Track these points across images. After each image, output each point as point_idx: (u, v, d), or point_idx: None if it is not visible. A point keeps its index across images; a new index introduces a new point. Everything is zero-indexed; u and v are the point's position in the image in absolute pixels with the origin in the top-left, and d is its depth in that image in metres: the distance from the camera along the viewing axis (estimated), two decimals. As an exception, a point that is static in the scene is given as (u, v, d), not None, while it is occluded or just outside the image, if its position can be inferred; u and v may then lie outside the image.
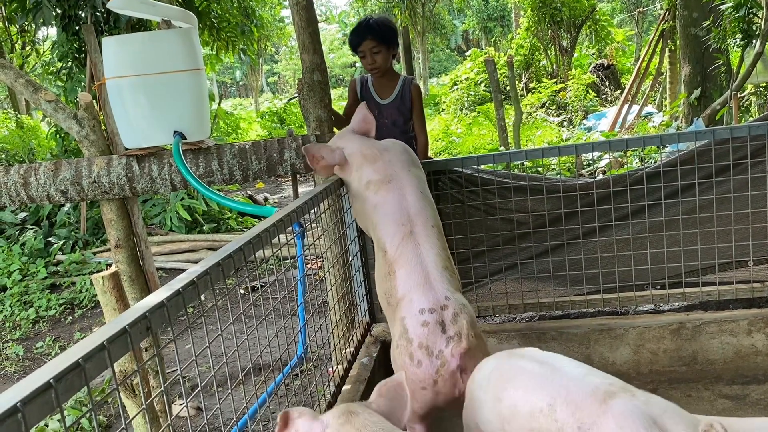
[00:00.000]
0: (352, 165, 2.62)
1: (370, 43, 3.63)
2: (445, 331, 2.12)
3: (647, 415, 1.46)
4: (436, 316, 2.14)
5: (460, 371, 2.08)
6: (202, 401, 3.64)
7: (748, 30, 7.31)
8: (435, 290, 2.21)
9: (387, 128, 3.82)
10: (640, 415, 1.45)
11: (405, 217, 2.40)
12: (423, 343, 2.12)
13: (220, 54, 10.62)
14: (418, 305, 2.18)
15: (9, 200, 3.17)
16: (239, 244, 1.73)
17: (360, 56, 3.74)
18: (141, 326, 1.23)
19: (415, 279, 2.25)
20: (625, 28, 22.67)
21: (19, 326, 5.92)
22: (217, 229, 8.28)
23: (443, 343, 2.10)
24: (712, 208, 3.14)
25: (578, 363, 1.77)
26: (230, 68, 36.07)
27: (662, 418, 1.46)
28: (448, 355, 2.09)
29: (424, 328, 2.13)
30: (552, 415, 1.59)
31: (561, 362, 1.77)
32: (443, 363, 2.09)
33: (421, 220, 2.40)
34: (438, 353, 2.10)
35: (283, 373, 2.28)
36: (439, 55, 38.66)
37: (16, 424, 0.89)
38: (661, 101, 13.80)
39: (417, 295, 2.21)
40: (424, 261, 2.30)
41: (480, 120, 14.63)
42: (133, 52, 2.98)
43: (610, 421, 1.48)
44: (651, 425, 1.43)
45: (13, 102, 17.19)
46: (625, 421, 1.45)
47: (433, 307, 2.16)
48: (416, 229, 2.38)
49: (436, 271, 2.28)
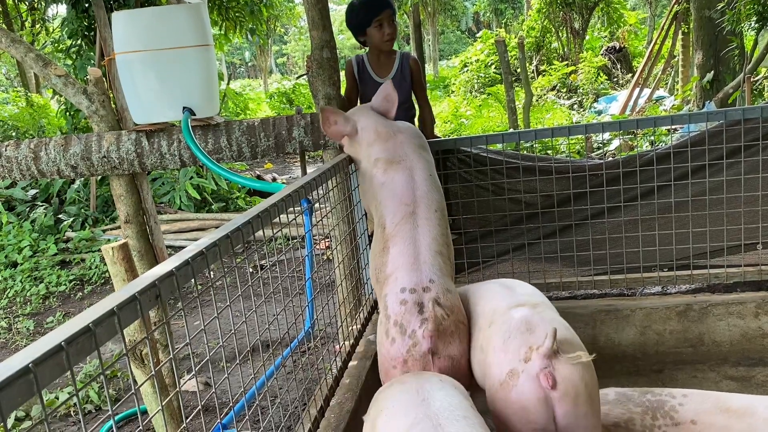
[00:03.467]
0: (362, 140, 2.60)
1: (389, 11, 3.58)
2: (422, 312, 2.10)
3: (526, 320, 1.88)
4: (416, 297, 2.13)
5: (431, 354, 2.06)
6: (211, 376, 3.68)
7: (763, 12, 7.21)
8: (421, 272, 2.20)
9: None
10: (521, 318, 1.89)
11: (410, 197, 2.39)
12: (398, 321, 2.11)
13: (228, 34, 10.58)
14: (401, 284, 2.17)
15: (20, 174, 3.19)
16: (248, 217, 1.74)
17: (375, 26, 3.61)
18: (150, 294, 1.25)
19: (406, 258, 2.24)
20: (638, 11, 22.39)
21: (29, 301, 5.99)
22: (226, 209, 8.32)
23: (417, 323, 2.09)
24: (722, 190, 3.12)
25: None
26: (239, 49, 35.96)
27: (539, 324, 1.85)
28: (420, 335, 2.07)
29: (402, 306, 2.12)
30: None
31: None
32: (415, 343, 2.07)
33: (425, 203, 2.39)
34: (411, 333, 2.08)
35: (290, 347, 2.30)
36: (449, 36, 38.38)
37: (28, 384, 0.91)
38: (672, 85, 13.67)
39: (402, 274, 2.20)
40: (418, 242, 2.29)
41: (490, 102, 14.55)
42: (142, 27, 2.98)
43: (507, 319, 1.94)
44: (523, 325, 1.86)
45: (23, 80, 17.23)
46: (512, 320, 1.91)
47: (415, 288, 2.15)
48: (418, 211, 2.36)
49: (428, 253, 2.26)
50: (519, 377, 1.78)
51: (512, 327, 1.90)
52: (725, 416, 1.83)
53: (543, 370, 1.75)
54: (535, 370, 1.76)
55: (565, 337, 1.84)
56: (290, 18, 27.67)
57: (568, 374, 1.75)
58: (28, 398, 0.91)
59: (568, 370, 1.76)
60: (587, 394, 1.77)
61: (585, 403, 1.76)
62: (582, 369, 1.79)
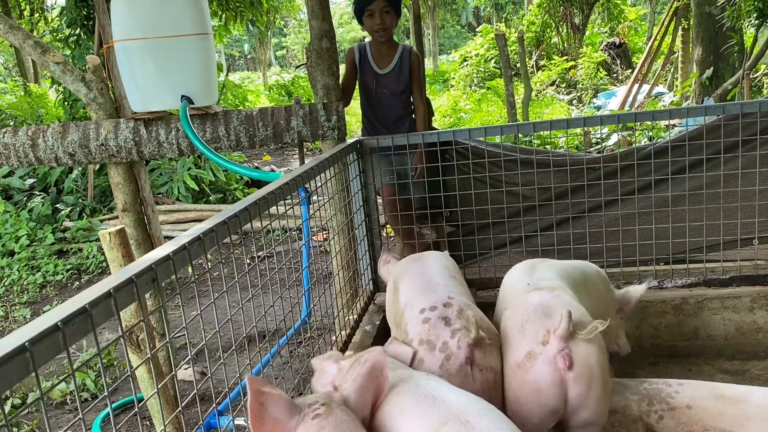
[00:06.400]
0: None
1: (381, 2, 3.59)
2: (450, 324, 1.89)
3: (543, 304, 1.93)
4: (438, 313, 1.94)
5: (470, 365, 1.82)
6: (208, 365, 3.69)
7: (763, 9, 7.21)
8: (437, 292, 2.05)
9: (386, 98, 3.79)
10: (539, 302, 1.94)
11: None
12: (424, 339, 1.89)
13: (228, 25, 10.54)
14: (418, 306, 2.01)
15: (17, 161, 3.19)
16: (245, 204, 1.74)
17: (367, 15, 3.67)
18: (147, 277, 1.25)
19: (417, 286, 2.13)
20: (639, 7, 22.37)
21: (26, 290, 5.99)
22: (224, 200, 8.31)
23: (448, 335, 1.86)
24: (719, 185, 3.13)
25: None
26: (238, 41, 35.84)
27: (555, 307, 1.89)
28: (454, 346, 1.84)
29: (424, 324, 1.93)
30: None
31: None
32: (448, 356, 1.83)
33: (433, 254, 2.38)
34: (442, 345, 1.85)
35: (286, 336, 2.30)
36: (449, 31, 38.29)
37: (24, 362, 0.92)
38: (672, 81, 13.66)
39: (416, 300, 2.05)
40: (427, 273, 2.20)
41: (489, 96, 14.54)
42: (141, 14, 2.97)
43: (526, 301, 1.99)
44: (540, 309, 1.91)
45: (21, 69, 17.17)
46: (530, 303, 1.95)
47: (435, 306, 1.97)
48: (425, 255, 2.35)
49: (440, 278, 2.15)
50: (537, 359, 1.80)
51: (530, 311, 1.92)
52: (720, 402, 1.85)
53: (560, 351, 1.77)
54: (552, 352, 1.78)
55: (580, 320, 1.86)
56: (290, 10, 27.58)
57: (585, 356, 1.78)
58: (24, 377, 0.92)
59: (585, 352, 1.79)
60: (601, 377, 1.81)
61: (598, 386, 1.80)
62: (597, 353, 1.82)
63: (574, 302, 1.99)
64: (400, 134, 3.46)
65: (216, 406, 1.65)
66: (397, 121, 3.84)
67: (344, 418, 1.43)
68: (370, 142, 3.18)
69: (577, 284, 2.19)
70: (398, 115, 3.84)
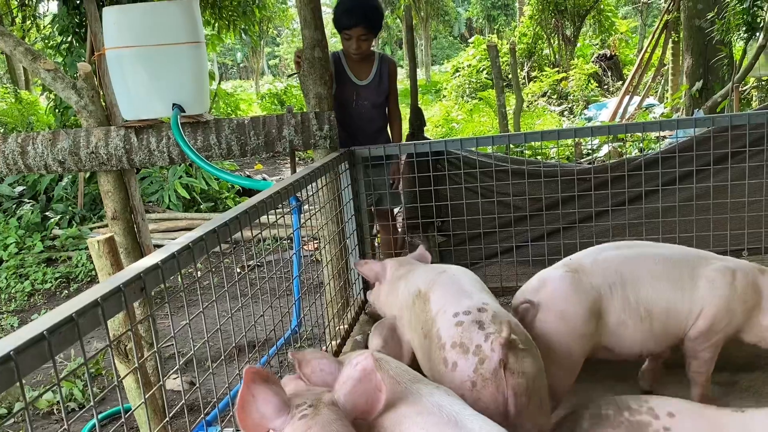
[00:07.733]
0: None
1: (360, 30, 3.55)
2: (484, 328, 1.86)
3: (570, 281, 2.27)
4: (472, 317, 1.90)
5: (503, 368, 1.77)
6: (197, 375, 3.66)
7: (752, 22, 7.29)
8: (472, 298, 2.01)
9: (366, 110, 3.74)
10: (559, 278, 2.30)
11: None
12: (457, 342, 1.86)
13: (221, 33, 10.55)
14: (452, 311, 1.97)
15: (6, 168, 3.17)
16: (236, 212, 1.74)
17: (344, 38, 3.63)
18: (135, 286, 1.24)
19: (451, 293, 2.07)
20: (630, 20, 22.58)
21: (14, 298, 5.94)
22: (215, 209, 8.28)
23: (481, 338, 1.83)
24: (709, 196, 3.15)
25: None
26: (231, 50, 35.88)
27: (580, 283, 2.28)
28: (487, 349, 1.80)
29: (458, 327, 1.89)
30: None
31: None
32: (482, 359, 1.80)
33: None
34: (476, 349, 1.82)
35: (276, 345, 2.29)
36: (442, 42, 38.48)
37: (9, 372, 0.90)
38: (662, 93, 13.77)
39: (451, 305, 1.99)
40: (459, 281, 2.15)
41: (481, 107, 14.60)
42: (134, 22, 2.97)
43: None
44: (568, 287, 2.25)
45: (12, 77, 17.10)
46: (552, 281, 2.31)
47: (469, 310, 1.93)
48: (449, 268, 2.30)
49: (473, 288, 2.11)
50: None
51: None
52: None
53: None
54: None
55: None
56: (283, 19, 27.68)
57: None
58: (9, 386, 0.90)
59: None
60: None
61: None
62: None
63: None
64: (392, 144, 3.46)
65: (204, 417, 1.63)
66: (378, 132, 3.83)
67: (332, 418, 1.42)
68: (362, 152, 3.19)
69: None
70: (379, 127, 3.83)
